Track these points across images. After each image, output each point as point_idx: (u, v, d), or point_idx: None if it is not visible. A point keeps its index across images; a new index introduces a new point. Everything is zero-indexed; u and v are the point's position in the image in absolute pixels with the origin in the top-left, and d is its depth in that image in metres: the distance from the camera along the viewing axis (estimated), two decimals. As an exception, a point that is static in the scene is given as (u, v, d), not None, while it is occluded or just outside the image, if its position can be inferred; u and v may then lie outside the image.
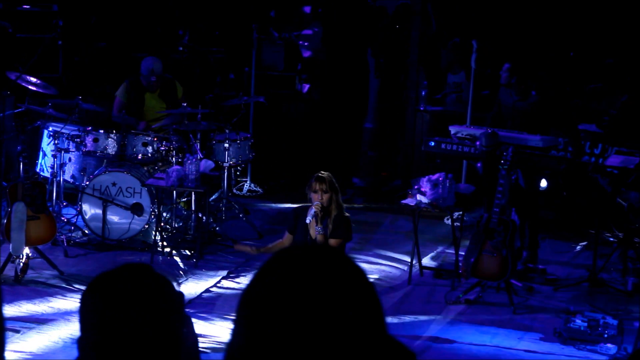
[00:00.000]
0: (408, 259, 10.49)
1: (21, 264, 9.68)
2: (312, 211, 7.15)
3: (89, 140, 11.04)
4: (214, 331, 8.45)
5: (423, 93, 14.12)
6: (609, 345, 8.58)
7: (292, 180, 13.94)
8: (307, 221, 7.14)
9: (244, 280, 10.10)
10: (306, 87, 14.92)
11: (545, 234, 11.62)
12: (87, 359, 2.61)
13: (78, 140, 11.08)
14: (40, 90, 11.38)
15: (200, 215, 10.99)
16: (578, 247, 11.72)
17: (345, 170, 13.89)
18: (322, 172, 7.43)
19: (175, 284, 2.73)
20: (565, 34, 14.62)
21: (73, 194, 11.34)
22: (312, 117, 14.74)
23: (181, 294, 2.85)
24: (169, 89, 11.91)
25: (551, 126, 10.63)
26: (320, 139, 14.70)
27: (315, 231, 7.18)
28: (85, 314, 2.63)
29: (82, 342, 2.64)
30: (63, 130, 11.09)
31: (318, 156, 14.56)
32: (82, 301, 2.65)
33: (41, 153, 11.41)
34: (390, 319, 9.12)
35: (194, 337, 3.31)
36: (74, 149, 11.15)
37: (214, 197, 12.12)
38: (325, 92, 14.81)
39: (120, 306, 2.57)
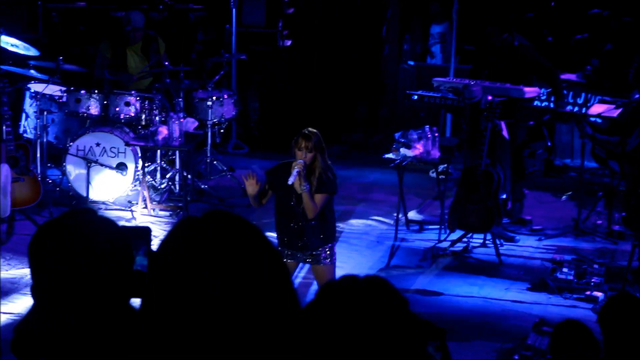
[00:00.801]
0: (394, 213, 10.51)
1: (7, 226, 9.66)
2: (295, 172, 7.12)
3: (71, 100, 10.98)
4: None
5: (406, 47, 14.09)
6: (595, 293, 8.64)
7: (278, 136, 13.91)
8: (290, 182, 7.12)
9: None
10: (288, 43, 14.84)
11: (530, 184, 11.66)
12: (41, 304, 2.64)
13: (60, 101, 11.03)
14: (21, 52, 11.31)
15: (185, 174, 10.98)
16: (564, 197, 11.75)
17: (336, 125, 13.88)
18: (310, 129, 7.37)
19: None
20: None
21: (57, 155, 11.29)
22: (294, 73, 14.68)
23: (142, 229, 2.92)
24: (152, 45, 11.84)
25: (534, 77, 10.61)
26: (305, 95, 14.68)
27: (300, 188, 7.15)
28: (34, 260, 2.66)
29: (34, 289, 2.66)
30: (45, 92, 11.02)
31: (305, 113, 14.57)
32: (30, 248, 2.67)
33: (24, 115, 11.35)
34: (378, 273, 9.19)
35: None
36: (56, 110, 11.09)
37: (200, 158, 12.10)
38: (308, 48, 14.76)
39: (65, 249, 2.60)
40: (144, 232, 3.04)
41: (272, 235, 7.48)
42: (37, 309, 2.67)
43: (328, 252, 7.42)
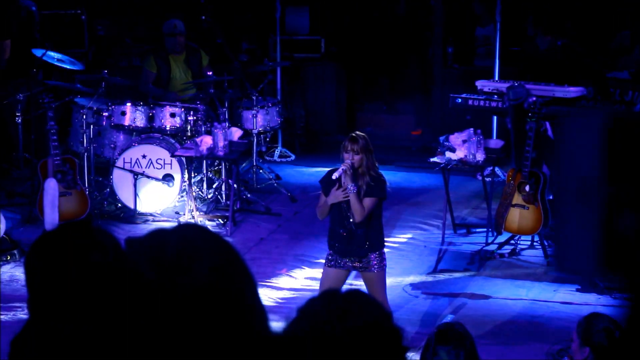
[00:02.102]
0: (441, 217, 10.47)
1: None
2: (341, 169, 7.15)
3: (117, 113, 11.07)
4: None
5: (450, 50, 14.03)
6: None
7: (324, 143, 13.94)
8: (334, 177, 7.16)
9: (277, 246, 10.15)
10: (332, 49, 14.86)
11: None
12: (38, 319, 2.65)
13: (106, 114, 11.12)
14: (67, 66, 11.42)
15: (231, 183, 11.01)
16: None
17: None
18: (358, 132, 7.40)
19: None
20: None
21: (104, 168, 11.38)
22: (339, 80, 14.70)
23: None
24: (195, 58, 11.91)
25: (579, 76, 10.53)
26: (350, 101, 14.71)
27: (347, 190, 7.17)
28: (29, 276, 2.68)
29: (31, 304, 2.68)
30: (91, 105, 11.12)
31: (350, 119, 14.61)
32: (25, 264, 2.69)
33: (71, 129, 11.45)
34: (425, 278, 9.17)
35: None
36: (102, 123, 11.18)
37: (244, 165, 12.13)
38: (352, 54, 14.79)
39: (59, 264, 2.61)
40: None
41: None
42: (32, 323, 2.69)
43: (377, 260, 7.40)
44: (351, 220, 7.28)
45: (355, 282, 8.19)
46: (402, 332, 2.41)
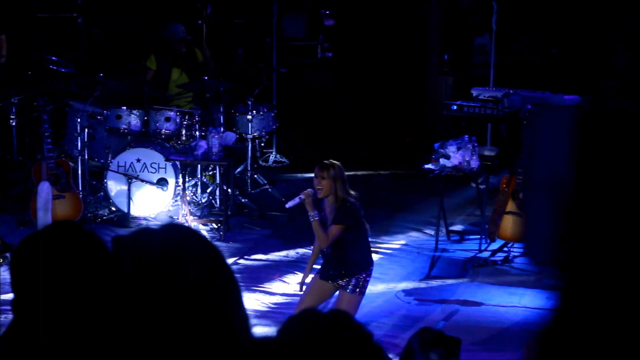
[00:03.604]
0: (434, 224, 10.47)
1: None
2: (297, 198, 7.16)
3: (112, 117, 11.06)
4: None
5: (446, 57, 14.05)
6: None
7: (319, 150, 13.93)
8: (287, 206, 7.17)
9: (271, 251, 10.14)
10: (328, 55, 14.88)
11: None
12: (22, 320, 2.64)
13: (101, 117, 11.11)
14: (63, 70, 11.42)
15: (225, 188, 11.00)
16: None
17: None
18: (332, 160, 7.31)
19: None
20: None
21: (98, 172, 11.37)
22: (335, 86, 14.71)
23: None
24: (190, 57, 11.91)
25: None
26: (346, 107, 14.71)
27: (310, 218, 7.15)
28: (14, 275, 2.66)
29: (15, 304, 2.66)
30: (86, 108, 11.11)
31: (346, 125, 14.61)
32: (11, 264, 2.68)
33: (65, 132, 11.44)
34: (418, 284, 9.16)
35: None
36: (97, 127, 11.17)
37: (239, 169, 12.13)
38: (348, 60, 14.80)
39: (45, 264, 2.60)
40: None
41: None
42: (17, 323, 2.68)
43: (354, 282, 7.31)
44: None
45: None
46: (382, 350, 2.41)
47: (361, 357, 2.33)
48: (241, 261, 9.84)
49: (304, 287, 7.56)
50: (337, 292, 7.41)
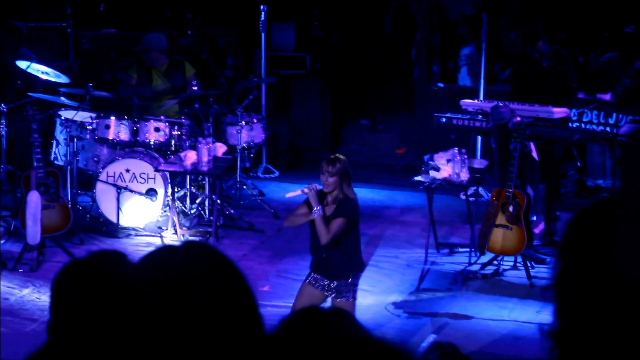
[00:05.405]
0: (424, 237, 10.46)
1: (37, 253, 9.70)
2: (299, 190, 7.19)
3: (101, 127, 11.04)
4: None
5: (435, 69, 14.06)
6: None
7: (308, 160, 13.93)
8: (286, 196, 7.20)
9: (260, 262, 10.13)
10: (317, 66, 14.89)
11: (562, 206, 11.57)
12: (57, 343, 2.63)
13: (90, 127, 11.08)
14: (52, 79, 11.39)
15: (214, 199, 10.98)
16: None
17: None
18: (338, 155, 7.35)
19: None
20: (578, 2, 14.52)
21: (87, 182, 11.34)
22: (324, 97, 14.71)
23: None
24: (177, 71, 11.87)
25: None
26: (334, 118, 14.72)
27: (313, 212, 7.14)
28: (55, 298, 2.66)
29: (52, 327, 2.66)
30: (75, 118, 11.08)
31: (334, 136, 14.62)
32: (53, 287, 2.67)
33: (54, 142, 11.41)
34: (408, 297, 9.15)
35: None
36: (86, 137, 11.14)
37: (230, 182, 12.11)
38: (337, 71, 14.81)
39: (89, 291, 2.59)
40: None
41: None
42: (51, 346, 2.67)
43: (345, 288, 7.30)
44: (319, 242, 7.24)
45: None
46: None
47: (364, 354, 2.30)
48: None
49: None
50: (329, 299, 7.40)
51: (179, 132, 11.10)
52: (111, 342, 2.57)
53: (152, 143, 11.08)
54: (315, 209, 7.11)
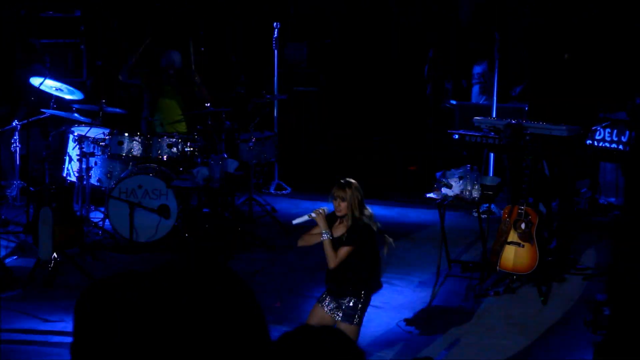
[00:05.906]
0: (436, 253, 10.44)
1: (50, 269, 9.71)
2: (305, 216, 7.10)
3: (114, 143, 11.07)
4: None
5: (448, 86, 14.07)
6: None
7: (321, 177, 13.94)
8: (294, 223, 7.11)
9: (272, 278, 10.12)
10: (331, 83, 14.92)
11: (576, 223, 11.55)
12: None
13: (103, 143, 11.12)
14: (66, 95, 11.44)
15: (227, 215, 10.99)
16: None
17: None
18: (348, 178, 7.21)
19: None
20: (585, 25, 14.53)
21: (100, 198, 11.37)
22: (337, 114, 14.74)
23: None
24: (187, 82, 11.93)
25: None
26: (348, 135, 14.73)
27: (322, 236, 7.07)
28: (78, 320, 2.66)
29: (75, 348, 2.66)
30: (88, 134, 11.12)
31: (348, 153, 14.62)
32: (76, 308, 2.67)
33: (67, 157, 11.46)
34: (420, 314, 9.13)
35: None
36: (99, 153, 11.18)
37: (242, 199, 12.12)
38: (350, 89, 14.83)
39: (113, 313, 2.59)
40: None
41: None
42: None
43: (352, 310, 7.16)
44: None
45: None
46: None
47: None
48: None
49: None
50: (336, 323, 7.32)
51: (192, 149, 11.12)
52: None
53: (165, 159, 11.11)
54: (323, 232, 7.03)
